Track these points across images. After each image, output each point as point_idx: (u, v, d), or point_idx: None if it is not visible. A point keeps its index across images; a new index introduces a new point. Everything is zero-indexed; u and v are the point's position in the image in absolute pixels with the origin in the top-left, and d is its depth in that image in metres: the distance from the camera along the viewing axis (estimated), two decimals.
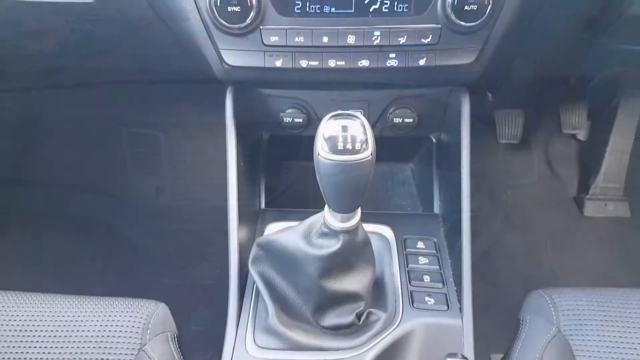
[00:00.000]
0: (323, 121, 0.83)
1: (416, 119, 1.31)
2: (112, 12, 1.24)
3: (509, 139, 2.03)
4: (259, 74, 1.12)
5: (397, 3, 1.02)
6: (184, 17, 1.06)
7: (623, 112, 2.03)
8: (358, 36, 1.05)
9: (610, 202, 2.08)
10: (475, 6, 1.00)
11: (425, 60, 1.07)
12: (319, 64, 1.08)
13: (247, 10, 1.01)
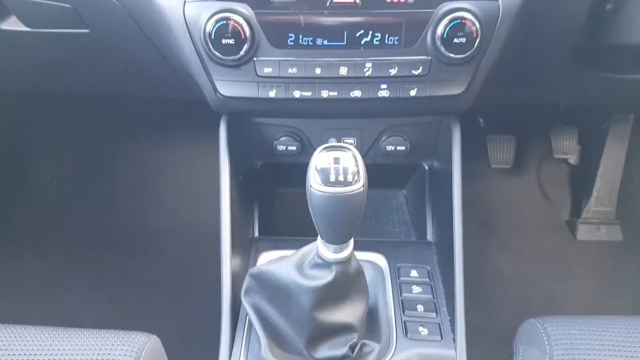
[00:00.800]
0: (315, 153, 0.84)
1: (408, 146, 1.32)
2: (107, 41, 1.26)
3: (500, 164, 2.05)
4: (252, 104, 1.14)
5: (387, 36, 1.04)
6: (179, 49, 1.08)
7: (613, 136, 2.06)
8: (350, 68, 1.07)
9: (602, 226, 2.09)
10: (464, 39, 1.02)
11: (416, 90, 1.09)
12: (312, 95, 1.10)
13: (241, 42, 1.02)
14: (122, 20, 1.13)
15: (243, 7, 1.01)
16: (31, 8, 1.16)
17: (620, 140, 2.07)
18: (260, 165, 1.43)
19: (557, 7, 1.12)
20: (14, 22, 1.23)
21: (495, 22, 1.03)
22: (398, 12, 1.02)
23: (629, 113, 2.03)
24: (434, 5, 1.01)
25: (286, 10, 1.02)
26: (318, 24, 1.03)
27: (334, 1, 1.01)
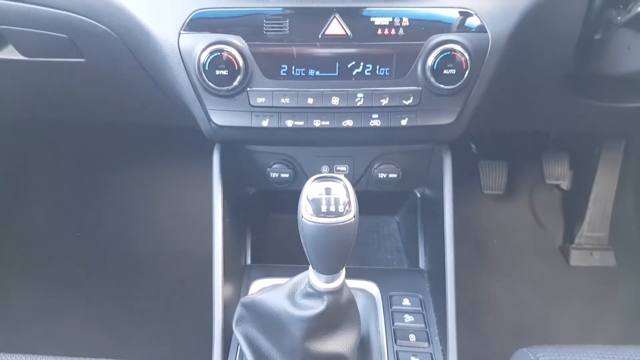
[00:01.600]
0: (307, 183, 0.85)
1: (400, 174, 1.34)
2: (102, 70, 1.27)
3: (493, 189, 2.07)
4: (245, 132, 1.15)
5: (379, 67, 1.06)
6: (174, 79, 1.09)
7: (604, 162, 2.08)
8: (342, 98, 1.08)
9: (595, 252, 2.10)
10: (453, 70, 1.04)
11: (407, 120, 1.11)
12: (305, 124, 1.11)
13: (234, 73, 1.04)
14: (117, 50, 1.14)
15: (237, 39, 1.03)
16: (28, 38, 1.18)
17: (612, 166, 2.09)
18: (253, 192, 1.44)
19: (546, 37, 1.15)
20: (10, 51, 1.25)
21: (484, 53, 1.05)
22: (389, 44, 1.04)
23: (620, 139, 2.05)
24: (424, 38, 1.04)
25: (279, 42, 1.04)
26: (310, 55, 1.05)
27: (326, 33, 1.03)
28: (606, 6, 1.11)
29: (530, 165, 2.14)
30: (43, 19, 1.11)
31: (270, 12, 1.02)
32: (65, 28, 1.13)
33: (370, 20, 1.03)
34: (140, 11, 1.04)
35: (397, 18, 1.03)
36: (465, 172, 2.04)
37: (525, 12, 1.05)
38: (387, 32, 1.03)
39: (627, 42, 1.15)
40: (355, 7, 1.02)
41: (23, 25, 1.15)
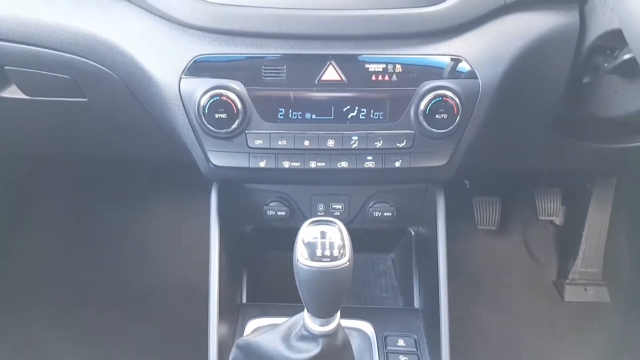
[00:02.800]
0: (303, 227, 0.87)
1: (394, 212, 1.36)
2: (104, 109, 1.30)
3: (487, 225, 2.08)
4: (243, 172, 1.17)
5: (373, 111, 1.10)
6: (174, 120, 1.12)
7: (596, 198, 2.11)
8: (337, 140, 1.11)
9: (589, 287, 2.10)
10: (445, 115, 1.08)
11: (400, 162, 1.14)
12: (301, 165, 1.14)
13: (233, 117, 1.07)
14: (119, 90, 1.17)
15: (236, 84, 1.06)
16: (32, 78, 1.21)
17: (604, 202, 2.12)
18: (250, 230, 1.45)
19: (535, 82, 1.18)
20: (13, 91, 1.27)
21: (475, 98, 1.09)
22: (383, 90, 1.08)
23: (611, 176, 2.09)
24: (417, 84, 1.07)
25: (277, 87, 1.07)
26: (307, 99, 1.08)
27: (322, 79, 1.07)
28: (593, 53, 1.15)
29: (524, 201, 2.17)
30: (47, 61, 1.14)
31: (268, 58, 1.06)
32: (68, 70, 1.16)
33: (365, 67, 1.06)
34: (143, 56, 1.08)
35: (391, 65, 1.06)
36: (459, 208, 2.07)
37: (515, 59, 1.09)
38: (380, 78, 1.07)
39: (615, 87, 1.18)
40: (350, 54, 1.06)
41: (27, 66, 1.18)
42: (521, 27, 1.10)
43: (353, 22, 1.04)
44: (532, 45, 1.10)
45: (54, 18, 1.10)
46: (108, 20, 1.09)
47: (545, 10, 1.11)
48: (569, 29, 1.11)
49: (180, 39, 1.06)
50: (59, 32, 1.09)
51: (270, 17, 1.03)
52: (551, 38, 1.11)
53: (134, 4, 1.09)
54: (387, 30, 1.05)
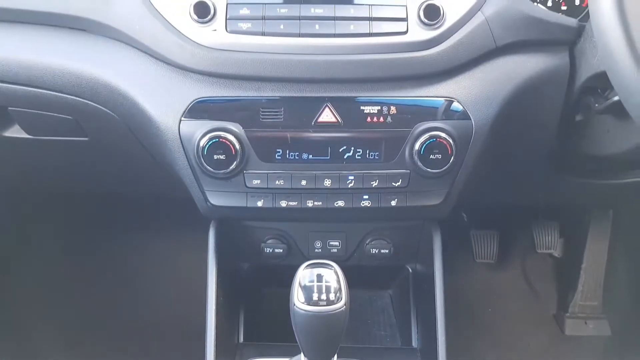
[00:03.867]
0: (299, 269, 0.88)
1: (392, 249, 1.36)
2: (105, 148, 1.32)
3: (485, 258, 2.08)
4: (241, 212, 1.18)
5: (368, 151, 1.12)
6: (173, 161, 1.14)
7: (594, 231, 2.11)
8: (334, 180, 1.13)
9: (590, 321, 2.09)
10: (439, 155, 1.09)
11: (396, 201, 1.15)
12: (298, 204, 1.15)
13: (231, 158, 1.09)
14: (120, 130, 1.20)
15: (234, 125, 1.08)
16: (34, 118, 1.23)
17: (602, 235, 2.12)
18: (247, 267, 1.46)
19: (528, 121, 1.20)
20: (16, 130, 1.30)
21: (469, 139, 1.11)
22: (378, 131, 1.10)
23: (608, 209, 2.10)
24: (411, 125, 1.09)
25: (274, 129, 1.09)
26: (304, 140, 1.11)
27: (318, 121, 1.09)
28: (584, 93, 1.17)
29: (521, 233, 2.17)
30: (50, 102, 1.17)
31: (266, 101, 1.08)
32: (71, 111, 1.18)
33: (360, 109, 1.09)
34: (144, 98, 1.10)
35: (385, 106, 1.09)
36: (457, 241, 2.07)
37: (507, 100, 1.12)
38: (375, 120, 1.09)
39: (607, 126, 1.20)
40: (346, 96, 1.09)
41: (30, 107, 1.21)
42: (513, 69, 1.13)
43: (348, 66, 1.06)
44: (524, 86, 1.13)
45: (58, 61, 1.12)
46: (110, 63, 1.12)
47: (535, 52, 1.14)
48: (560, 70, 1.14)
49: (180, 82, 1.09)
50: (62, 75, 1.12)
51: (268, 62, 1.06)
52: (542, 79, 1.14)
53: (136, 48, 1.11)
54: (382, 73, 1.08)
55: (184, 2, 1.06)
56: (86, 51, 1.13)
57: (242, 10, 1.05)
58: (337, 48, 1.06)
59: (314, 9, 1.06)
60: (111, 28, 1.10)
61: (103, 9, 1.10)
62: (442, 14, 1.06)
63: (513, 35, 1.10)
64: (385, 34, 1.06)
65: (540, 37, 1.12)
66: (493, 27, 1.09)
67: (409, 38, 1.06)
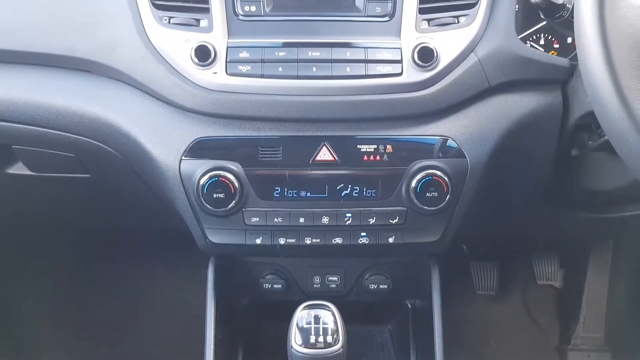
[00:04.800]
0: (297, 311, 0.89)
1: (390, 285, 1.37)
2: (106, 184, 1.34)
3: (485, 290, 2.08)
4: (240, 249, 1.20)
5: (365, 189, 1.13)
6: (173, 198, 1.16)
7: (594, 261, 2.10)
8: (331, 217, 1.14)
9: (592, 353, 2.06)
10: (435, 193, 1.11)
11: (394, 238, 1.16)
12: (296, 242, 1.16)
13: (231, 196, 1.10)
14: (121, 168, 1.22)
15: (234, 164, 1.10)
16: (37, 156, 1.26)
17: (602, 265, 2.11)
18: (246, 303, 1.46)
19: (523, 157, 1.22)
20: (19, 167, 1.32)
21: (464, 177, 1.13)
22: (374, 169, 1.12)
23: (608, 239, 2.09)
24: (407, 163, 1.11)
25: (273, 167, 1.11)
26: (302, 178, 1.12)
27: (316, 159, 1.11)
28: (578, 130, 1.19)
29: (521, 265, 2.17)
30: (53, 141, 1.19)
31: (265, 140, 1.11)
32: (73, 148, 1.21)
33: (357, 147, 1.11)
34: (145, 138, 1.13)
35: (382, 145, 1.11)
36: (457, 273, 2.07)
37: (501, 137, 1.14)
38: (372, 158, 1.11)
39: (601, 162, 1.22)
40: (343, 135, 1.11)
41: (34, 146, 1.23)
42: (506, 108, 1.15)
43: (345, 107, 1.09)
44: (518, 124, 1.15)
45: (62, 102, 1.15)
46: (113, 103, 1.15)
47: (528, 91, 1.16)
48: (553, 108, 1.16)
49: (181, 122, 1.12)
50: (66, 115, 1.15)
51: (267, 103, 1.08)
52: (536, 117, 1.16)
53: (138, 89, 1.14)
54: (378, 113, 1.10)
55: (186, 46, 1.09)
56: (90, 92, 1.16)
57: (242, 53, 1.09)
58: (334, 89, 1.09)
59: (312, 52, 1.09)
60: (114, 70, 1.13)
61: (107, 52, 1.14)
62: (436, 55, 1.08)
63: (506, 75, 1.13)
64: (381, 76, 1.08)
65: (533, 76, 1.15)
66: (486, 68, 1.11)
67: (404, 79, 1.09)
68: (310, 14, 1.14)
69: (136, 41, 1.11)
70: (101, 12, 1.15)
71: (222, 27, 1.10)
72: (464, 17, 1.12)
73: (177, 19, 1.11)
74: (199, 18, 1.11)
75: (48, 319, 2.06)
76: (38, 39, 1.16)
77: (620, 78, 0.77)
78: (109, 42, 1.13)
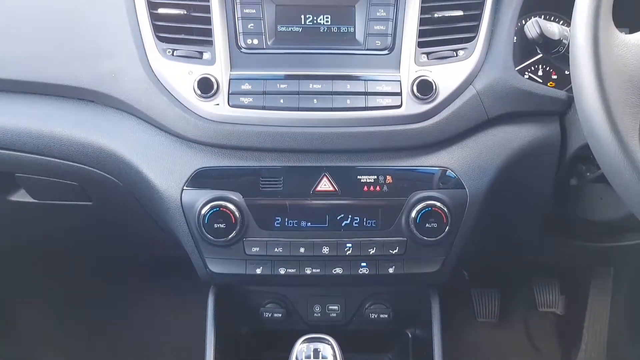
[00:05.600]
0: (296, 344, 0.89)
1: (391, 314, 1.36)
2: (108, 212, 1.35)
3: (486, 317, 2.06)
4: (240, 278, 1.20)
5: (366, 219, 1.14)
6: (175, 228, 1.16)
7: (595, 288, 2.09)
8: (332, 247, 1.15)
9: None
10: (435, 224, 1.12)
11: (394, 269, 1.17)
12: (296, 272, 1.17)
13: (232, 226, 1.11)
14: (123, 196, 1.23)
15: (235, 195, 1.11)
16: (40, 184, 1.27)
17: (603, 292, 2.10)
18: (246, 331, 1.45)
19: (522, 188, 1.23)
20: (22, 195, 1.33)
21: (463, 208, 1.13)
22: (374, 199, 1.13)
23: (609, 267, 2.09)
24: (407, 194, 1.12)
25: (274, 197, 1.12)
26: (302, 208, 1.13)
27: (316, 190, 1.12)
28: (576, 161, 1.20)
29: (522, 291, 2.15)
30: (56, 169, 1.20)
31: (266, 170, 1.12)
32: (76, 177, 1.22)
33: (357, 178, 1.12)
34: (148, 167, 1.14)
35: (382, 176, 1.12)
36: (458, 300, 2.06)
37: (500, 168, 1.15)
38: (372, 189, 1.12)
39: (600, 193, 1.23)
40: (343, 166, 1.12)
41: (37, 174, 1.24)
42: (505, 139, 1.16)
43: (345, 138, 1.10)
44: (517, 155, 1.16)
45: (66, 131, 1.17)
46: (116, 133, 1.16)
47: (527, 122, 1.17)
48: (551, 139, 1.18)
49: (183, 152, 1.13)
50: (69, 144, 1.16)
51: (268, 134, 1.10)
52: (535, 148, 1.17)
53: (141, 119, 1.16)
54: (378, 145, 1.11)
55: (189, 78, 1.10)
56: (93, 121, 1.17)
57: (244, 85, 1.10)
58: (334, 121, 1.10)
59: (313, 85, 1.11)
60: (118, 100, 1.15)
61: (111, 82, 1.15)
62: (435, 88, 1.10)
63: (504, 107, 1.15)
64: (381, 108, 1.10)
65: (531, 108, 1.16)
66: (484, 100, 1.13)
67: (403, 111, 1.10)
68: (312, 47, 1.16)
69: (140, 72, 1.13)
70: (106, 44, 1.17)
71: (224, 59, 1.12)
72: (462, 51, 1.14)
73: (180, 51, 1.13)
74: (202, 50, 1.13)
75: (47, 343, 2.05)
76: (43, 69, 1.18)
77: (616, 116, 0.79)
78: (113, 73, 1.15)
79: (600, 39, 0.81)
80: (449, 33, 1.14)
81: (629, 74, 0.81)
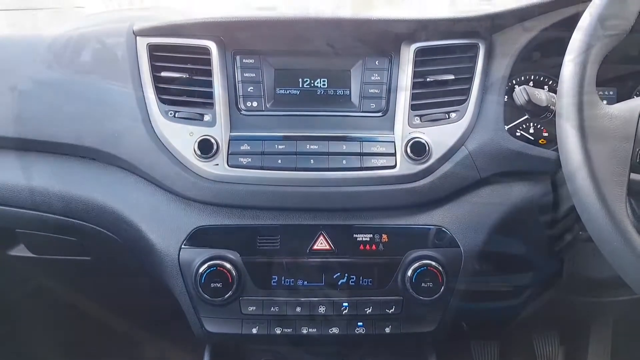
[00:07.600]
0: None
1: None
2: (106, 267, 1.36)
3: None
4: (236, 338, 1.19)
5: (362, 278, 1.15)
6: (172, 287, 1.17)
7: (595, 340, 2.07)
8: (328, 307, 1.15)
9: None
10: (431, 284, 1.12)
11: (390, 328, 1.17)
12: (292, 331, 1.16)
13: (229, 285, 1.12)
14: (121, 252, 1.24)
15: (232, 253, 1.12)
16: (40, 240, 1.28)
17: (603, 343, 2.08)
18: None
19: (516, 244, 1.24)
20: (21, 249, 1.34)
21: (458, 266, 1.14)
22: (370, 258, 1.14)
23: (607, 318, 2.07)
24: (402, 253, 1.14)
25: (271, 256, 1.13)
26: (299, 267, 1.14)
27: (313, 248, 1.14)
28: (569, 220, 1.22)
29: (522, 344, 2.13)
30: (56, 226, 1.21)
31: (263, 229, 1.13)
32: (75, 233, 1.23)
33: (353, 236, 1.14)
34: (146, 226, 1.15)
35: (377, 234, 1.14)
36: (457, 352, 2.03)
37: (494, 226, 1.17)
38: (368, 247, 1.13)
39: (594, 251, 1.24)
40: (339, 224, 1.14)
41: (37, 230, 1.26)
42: (498, 198, 1.18)
43: (341, 198, 1.13)
44: (510, 213, 1.18)
45: (67, 189, 1.19)
46: (117, 191, 1.18)
47: (519, 181, 1.20)
48: (543, 197, 1.20)
49: (182, 210, 1.15)
50: (70, 202, 1.18)
51: (266, 194, 1.12)
52: (527, 206, 1.19)
53: (142, 178, 1.18)
54: (373, 204, 1.14)
55: (190, 139, 1.13)
56: (95, 179, 1.19)
57: (243, 146, 1.13)
58: (330, 181, 1.12)
59: (309, 145, 1.14)
60: (120, 159, 1.17)
61: (113, 142, 1.18)
62: (428, 149, 1.13)
63: (496, 167, 1.17)
64: (376, 168, 1.13)
65: (522, 168, 1.19)
66: (476, 160, 1.16)
67: (397, 171, 1.13)
68: (309, 109, 1.20)
69: (142, 133, 1.16)
70: (109, 105, 1.20)
71: (225, 121, 1.15)
72: (454, 113, 1.17)
73: (182, 113, 1.16)
74: (203, 112, 1.16)
75: None
76: (47, 128, 1.20)
77: (602, 186, 0.81)
78: (116, 133, 1.18)
79: (585, 111, 0.85)
80: (441, 96, 1.18)
81: (613, 145, 0.84)
